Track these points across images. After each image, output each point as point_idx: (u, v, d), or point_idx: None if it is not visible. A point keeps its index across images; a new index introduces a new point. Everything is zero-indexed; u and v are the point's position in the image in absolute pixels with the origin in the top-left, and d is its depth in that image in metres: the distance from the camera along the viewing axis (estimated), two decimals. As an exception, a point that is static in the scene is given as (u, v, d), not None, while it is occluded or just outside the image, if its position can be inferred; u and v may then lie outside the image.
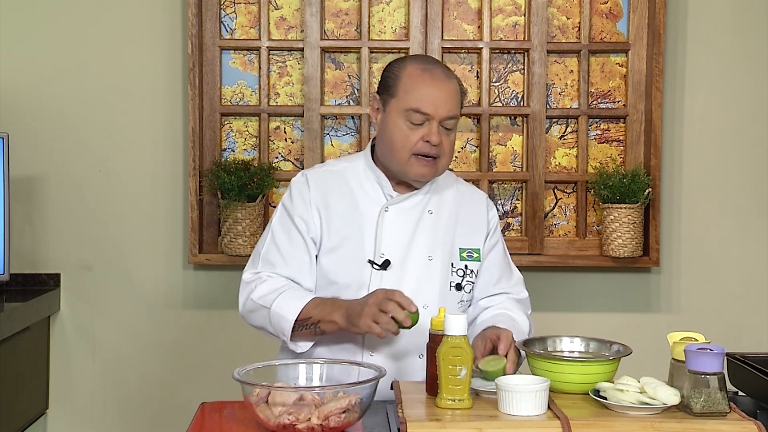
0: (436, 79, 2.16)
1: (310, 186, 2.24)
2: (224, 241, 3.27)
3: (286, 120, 3.42)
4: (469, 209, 2.32)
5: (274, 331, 2.15)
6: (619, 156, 3.45)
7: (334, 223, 2.21)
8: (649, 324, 3.42)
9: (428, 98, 2.14)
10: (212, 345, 3.39)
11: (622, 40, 3.43)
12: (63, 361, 3.40)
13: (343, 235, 2.20)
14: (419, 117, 2.14)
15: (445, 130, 2.17)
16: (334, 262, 2.20)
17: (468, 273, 2.27)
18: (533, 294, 3.39)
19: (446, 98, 2.15)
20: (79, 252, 3.38)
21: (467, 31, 3.42)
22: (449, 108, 2.16)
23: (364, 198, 2.23)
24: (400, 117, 2.16)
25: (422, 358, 2.12)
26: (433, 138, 2.14)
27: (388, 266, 2.18)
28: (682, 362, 1.83)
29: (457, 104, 2.20)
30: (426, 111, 2.14)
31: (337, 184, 2.25)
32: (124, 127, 3.37)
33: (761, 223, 3.45)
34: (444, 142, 2.17)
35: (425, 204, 2.26)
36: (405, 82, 2.16)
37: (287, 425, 1.75)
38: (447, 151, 2.19)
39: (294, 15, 3.41)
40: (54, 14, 3.35)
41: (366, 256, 2.19)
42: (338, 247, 2.20)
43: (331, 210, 2.22)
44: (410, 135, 2.15)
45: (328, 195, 2.23)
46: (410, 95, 2.15)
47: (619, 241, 3.29)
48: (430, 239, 2.24)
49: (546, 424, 1.73)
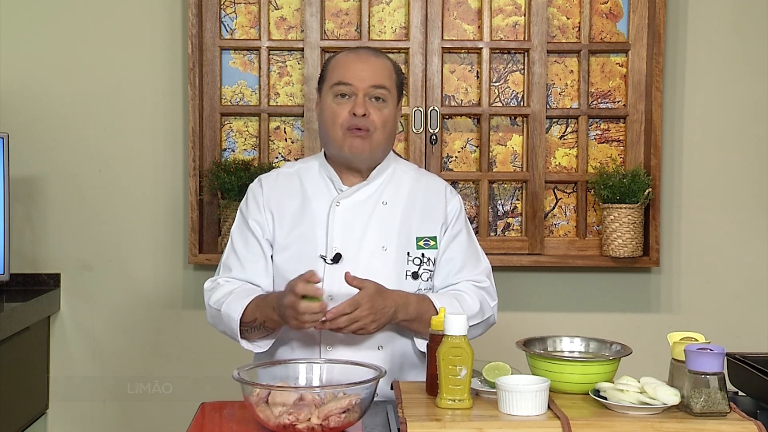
0: (361, 55, 2.23)
1: (264, 189, 2.30)
2: (224, 241, 3.27)
3: (286, 120, 3.42)
4: (425, 197, 2.31)
5: (230, 333, 2.21)
6: (619, 156, 3.45)
7: (286, 222, 2.25)
8: (649, 324, 3.42)
9: (351, 70, 2.20)
10: (212, 345, 3.38)
11: (622, 40, 3.43)
12: (63, 361, 3.40)
13: (296, 234, 2.24)
14: (344, 88, 2.19)
15: (375, 102, 2.19)
16: (287, 260, 2.23)
17: (425, 261, 2.26)
18: (533, 294, 3.42)
19: (371, 70, 2.20)
20: (79, 252, 3.38)
21: (467, 31, 3.42)
22: (373, 77, 2.19)
23: (316, 195, 2.27)
24: (329, 96, 2.22)
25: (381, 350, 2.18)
26: (358, 109, 2.17)
27: (340, 260, 2.20)
28: (682, 362, 1.83)
29: (386, 77, 2.22)
30: (348, 81, 2.18)
31: (290, 185, 2.30)
32: (124, 127, 3.37)
33: (761, 223, 3.45)
34: (374, 114, 2.19)
35: (379, 195, 2.27)
36: (332, 64, 2.25)
37: (287, 425, 1.75)
38: (379, 124, 2.20)
39: (294, 15, 3.41)
40: (54, 14, 3.35)
41: (318, 251, 2.21)
42: (291, 245, 2.24)
43: (284, 210, 2.26)
44: (338, 110, 2.19)
45: (281, 196, 2.28)
46: (334, 72, 2.22)
47: (619, 241, 3.29)
48: (383, 230, 2.24)
49: (546, 424, 1.73)
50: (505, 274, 3.31)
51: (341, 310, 2.05)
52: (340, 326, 2.06)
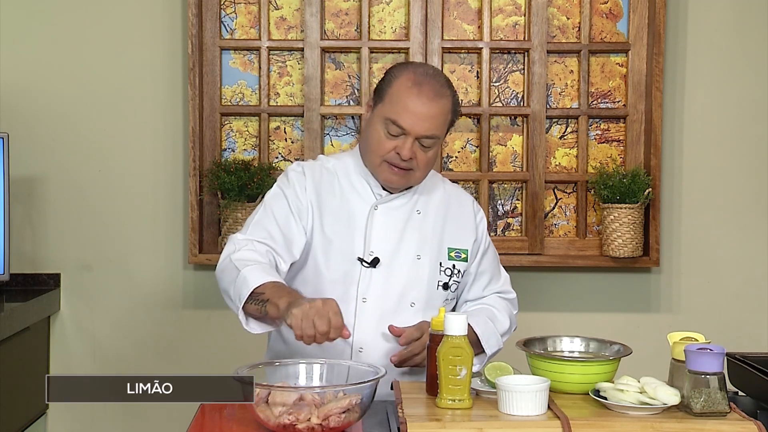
0: (423, 96, 2.13)
1: (307, 177, 2.24)
2: (224, 241, 3.27)
3: (286, 120, 3.42)
4: (457, 210, 2.33)
5: (233, 294, 2.05)
6: (619, 156, 3.45)
7: (325, 218, 2.22)
8: (649, 324, 3.42)
9: (409, 113, 2.13)
10: (212, 345, 3.39)
11: (622, 40, 3.43)
12: (63, 361, 3.40)
13: (334, 231, 2.21)
14: (396, 129, 2.14)
15: (422, 147, 2.17)
16: (324, 256, 2.21)
17: (455, 273, 2.29)
18: (533, 294, 3.42)
19: (428, 117, 2.13)
20: (79, 252, 3.38)
21: (467, 31, 3.42)
22: (428, 127, 2.14)
23: (355, 196, 2.25)
24: (381, 123, 2.16)
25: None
26: (404, 153, 2.14)
27: (378, 264, 2.20)
28: (682, 362, 1.83)
29: (441, 124, 2.17)
30: (403, 125, 2.13)
31: (330, 181, 2.26)
32: (124, 127, 3.37)
33: (761, 223, 3.45)
34: (419, 158, 2.17)
35: (414, 204, 2.28)
36: (394, 90, 2.16)
37: (287, 425, 1.75)
38: (422, 166, 2.19)
39: (294, 15, 3.41)
40: (54, 14, 3.35)
41: (356, 253, 2.20)
42: (329, 242, 2.21)
43: (324, 205, 2.23)
44: (385, 143, 2.16)
45: (321, 190, 2.24)
46: (394, 106, 2.14)
47: (619, 241, 3.29)
48: (418, 238, 2.25)
49: (546, 424, 1.73)
50: (505, 274, 3.31)
51: (411, 336, 2.11)
52: (414, 352, 2.11)
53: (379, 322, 2.19)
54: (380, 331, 2.18)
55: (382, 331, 2.18)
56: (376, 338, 2.18)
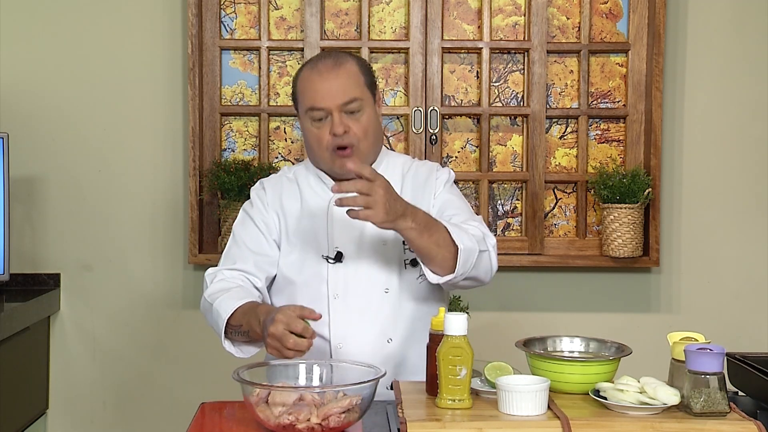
0: (322, 71, 2.17)
1: (267, 191, 2.30)
2: (224, 241, 3.26)
3: (286, 120, 3.42)
4: (415, 181, 2.28)
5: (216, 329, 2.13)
6: (619, 156, 3.45)
7: (290, 225, 2.26)
8: (649, 324, 3.42)
9: (319, 93, 2.16)
10: (212, 345, 3.35)
11: (622, 40, 3.43)
12: (63, 361, 3.40)
13: (299, 235, 2.24)
14: (318, 113, 2.17)
15: (351, 115, 2.17)
16: (291, 262, 2.24)
17: None
18: (533, 294, 3.42)
19: (335, 85, 2.15)
20: (79, 252, 3.38)
21: (467, 31, 3.42)
22: (341, 93, 2.15)
23: (313, 197, 2.27)
24: (306, 119, 2.20)
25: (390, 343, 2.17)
26: (336, 128, 2.15)
27: (342, 258, 2.21)
28: (682, 362, 1.83)
29: (354, 85, 2.17)
30: (318, 105, 2.16)
31: (290, 188, 2.30)
32: (124, 127, 3.37)
33: (761, 223, 3.45)
34: (354, 128, 2.17)
35: None
36: (300, 87, 2.22)
37: (287, 425, 1.75)
38: (361, 134, 2.18)
39: (294, 15, 3.41)
40: (54, 14, 3.35)
41: (320, 252, 2.22)
42: (294, 247, 2.24)
43: (287, 212, 2.27)
44: (319, 134, 2.18)
45: (282, 198, 2.28)
46: (305, 96, 2.19)
47: (619, 241, 3.29)
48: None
49: (546, 424, 1.73)
50: (505, 274, 3.31)
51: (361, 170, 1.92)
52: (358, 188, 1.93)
53: (354, 316, 2.19)
54: (357, 326, 2.18)
55: (359, 326, 2.18)
56: (355, 333, 2.18)
